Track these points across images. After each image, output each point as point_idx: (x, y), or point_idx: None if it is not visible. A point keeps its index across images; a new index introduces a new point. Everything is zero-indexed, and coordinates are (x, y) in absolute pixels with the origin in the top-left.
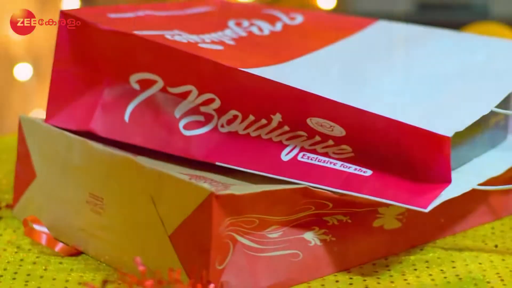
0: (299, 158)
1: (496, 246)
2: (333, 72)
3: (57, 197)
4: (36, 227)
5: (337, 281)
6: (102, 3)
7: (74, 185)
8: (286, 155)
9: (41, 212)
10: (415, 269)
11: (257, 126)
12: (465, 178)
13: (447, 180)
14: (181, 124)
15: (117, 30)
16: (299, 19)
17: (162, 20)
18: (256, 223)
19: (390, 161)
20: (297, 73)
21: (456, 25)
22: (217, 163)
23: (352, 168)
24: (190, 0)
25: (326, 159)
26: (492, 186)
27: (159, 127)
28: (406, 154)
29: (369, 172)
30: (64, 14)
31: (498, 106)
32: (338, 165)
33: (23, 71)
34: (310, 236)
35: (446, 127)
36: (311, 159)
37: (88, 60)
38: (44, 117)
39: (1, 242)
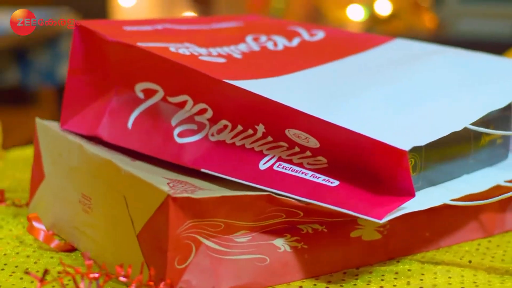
0: (274, 167)
1: (470, 261)
2: (320, 87)
3: (59, 197)
4: (35, 224)
5: (300, 287)
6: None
7: (71, 185)
8: (263, 164)
9: (48, 210)
10: (382, 280)
11: (243, 135)
12: (440, 193)
13: (410, 194)
14: (176, 132)
15: (121, 41)
16: (319, 35)
17: (177, 33)
18: (222, 227)
19: (357, 173)
20: (283, 86)
21: None
22: (202, 170)
23: (321, 179)
24: (224, 15)
25: (299, 169)
26: (464, 202)
27: (156, 134)
28: (371, 167)
29: (336, 183)
30: (78, 26)
31: (496, 126)
32: (309, 175)
33: None
34: (280, 243)
35: (406, 141)
36: (285, 169)
37: (99, 69)
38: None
39: (8, 236)
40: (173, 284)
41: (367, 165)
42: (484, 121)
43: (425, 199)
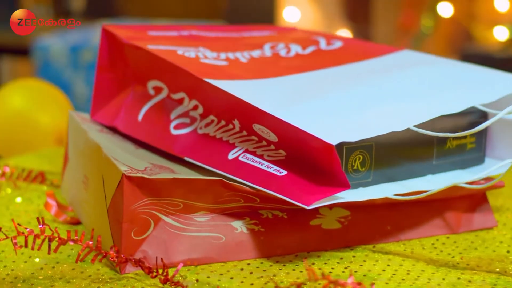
0: (239, 158)
1: (412, 252)
2: (294, 89)
3: (73, 178)
4: (49, 200)
5: (248, 264)
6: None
7: (80, 167)
8: (232, 155)
9: (68, 189)
10: (325, 263)
11: (224, 129)
12: (389, 188)
13: (345, 185)
14: (172, 124)
15: (133, 43)
16: (336, 45)
17: (197, 39)
18: (181, 206)
19: (303, 165)
20: (259, 87)
21: None
22: (185, 158)
23: (272, 169)
24: (262, 25)
25: (259, 159)
26: (405, 197)
27: (158, 126)
28: (312, 159)
29: (284, 173)
30: (104, 29)
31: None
32: (264, 165)
33: None
34: (238, 224)
35: (337, 136)
36: (247, 159)
37: (119, 67)
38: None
39: (33, 210)
40: (126, 252)
41: (310, 158)
42: (453, 126)
43: (370, 192)
